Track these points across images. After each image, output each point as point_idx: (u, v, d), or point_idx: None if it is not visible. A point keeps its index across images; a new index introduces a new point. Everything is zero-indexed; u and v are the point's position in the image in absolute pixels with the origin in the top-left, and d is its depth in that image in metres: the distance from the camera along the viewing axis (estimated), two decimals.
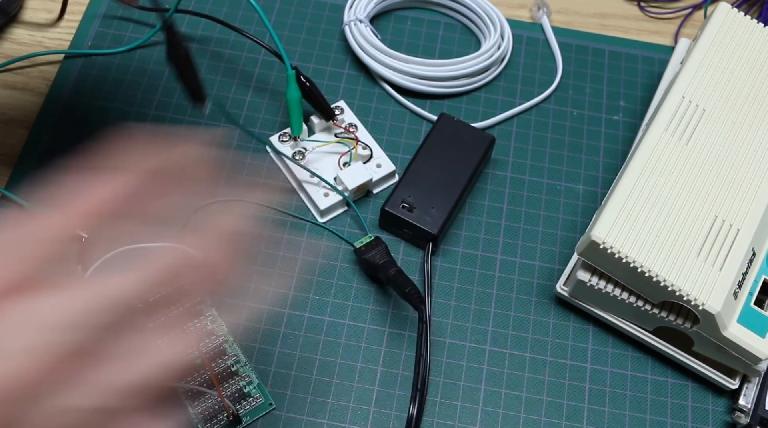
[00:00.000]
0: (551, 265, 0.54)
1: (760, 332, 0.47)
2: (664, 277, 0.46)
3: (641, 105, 0.61)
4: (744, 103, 0.53)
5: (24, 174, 0.55)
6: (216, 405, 0.47)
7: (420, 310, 0.48)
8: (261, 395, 0.48)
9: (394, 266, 0.50)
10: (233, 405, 0.47)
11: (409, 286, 0.48)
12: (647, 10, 0.68)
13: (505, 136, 0.59)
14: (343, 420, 0.48)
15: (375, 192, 0.56)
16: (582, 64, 0.63)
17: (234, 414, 0.46)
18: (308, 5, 0.65)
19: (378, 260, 0.51)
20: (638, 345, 0.51)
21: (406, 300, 0.48)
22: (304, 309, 0.51)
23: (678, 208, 0.48)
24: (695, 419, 0.49)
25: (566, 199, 0.57)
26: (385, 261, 0.51)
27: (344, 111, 0.58)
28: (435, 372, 0.50)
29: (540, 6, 0.65)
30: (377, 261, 0.51)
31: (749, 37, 0.55)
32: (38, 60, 0.60)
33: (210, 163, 0.33)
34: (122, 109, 0.58)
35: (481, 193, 0.57)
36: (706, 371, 0.50)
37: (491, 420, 0.49)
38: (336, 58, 0.62)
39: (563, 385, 0.50)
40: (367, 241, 0.52)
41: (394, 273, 0.50)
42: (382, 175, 0.56)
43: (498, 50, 0.61)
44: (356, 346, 0.50)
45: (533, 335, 0.52)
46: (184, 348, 0.31)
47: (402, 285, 0.49)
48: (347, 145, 0.56)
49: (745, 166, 0.50)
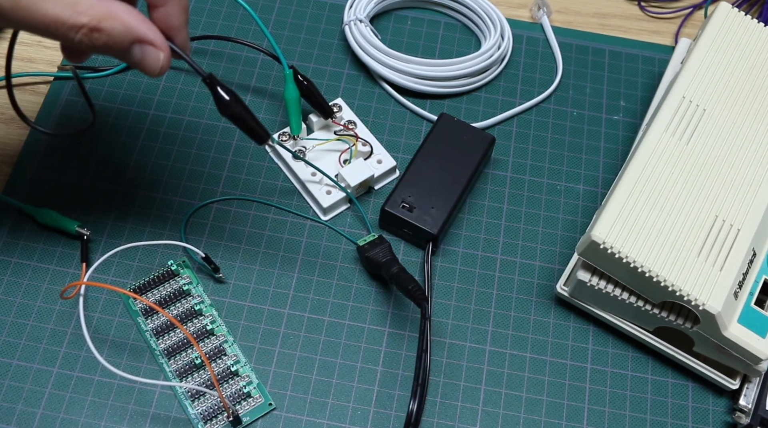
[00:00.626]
0: (551, 265, 0.54)
1: (760, 332, 0.47)
2: (664, 277, 0.45)
3: (641, 105, 0.61)
4: (744, 103, 0.53)
5: (24, 174, 0.55)
6: (216, 406, 0.47)
7: (423, 307, 0.48)
8: (261, 395, 0.48)
9: (397, 264, 0.50)
10: (233, 406, 0.47)
11: (412, 284, 0.48)
12: (647, 9, 0.68)
13: (505, 136, 0.59)
14: (343, 420, 0.48)
15: (376, 188, 0.56)
16: (582, 64, 0.63)
17: (234, 414, 0.46)
18: (308, 5, 0.65)
19: (381, 258, 0.51)
20: (638, 345, 0.51)
21: (409, 297, 0.48)
22: (304, 309, 0.51)
23: (678, 207, 0.48)
24: (696, 419, 0.49)
25: (566, 198, 0.57)
26: (388, 259, 0.51)
27: (342, 108, 0.58)
28: (435, 372, 0.50)
29: (540, 6, 0.65)
30: (380, 259, 0.51)
31: (749, 36, 0.55)
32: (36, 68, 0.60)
33: None
34: (122, 109, 0.58)
35: (481, 193, 0.57)
36: (706, 371, 0.49)
37: (491, 420, 0.49)
38: (336, 57, 0.62)
39: (563, 385, 0.50)
40: (370, 239, 0.52)
41: (396, 270, 0.50)
42: (383, 170, 0.56)
43: (498, 50, 0.61)
44: (356, 346, 0.50)
45: (533, 335, 0.51)
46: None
47: (405, 283, 0.49)
48: (347, 142, 0.56)
49: (746, 166, 0.50)
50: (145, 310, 0.50)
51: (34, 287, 0.51)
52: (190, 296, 0.51)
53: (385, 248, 0.51)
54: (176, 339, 0.49)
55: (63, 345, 0.49)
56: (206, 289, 0.51)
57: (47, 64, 0.60)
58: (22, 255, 0.52)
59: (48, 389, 0.48)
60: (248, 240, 0.53)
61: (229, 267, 0.52)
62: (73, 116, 0.58)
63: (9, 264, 0.52)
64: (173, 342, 0.49)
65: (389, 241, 0.52)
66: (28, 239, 0.52)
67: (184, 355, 0.49)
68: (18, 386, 0.48)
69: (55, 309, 0.50)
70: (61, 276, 0.51)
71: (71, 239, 0.53)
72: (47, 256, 0.52)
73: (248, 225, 0.54)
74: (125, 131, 0.57)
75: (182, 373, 0.48)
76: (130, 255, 0.52)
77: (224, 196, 0.55)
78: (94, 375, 0.48)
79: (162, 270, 0.51)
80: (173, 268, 0.51)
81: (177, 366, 0.48)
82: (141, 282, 0.51)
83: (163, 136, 0.57)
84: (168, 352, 0.49)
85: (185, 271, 0.51)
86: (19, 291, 0.51)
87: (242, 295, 0.51)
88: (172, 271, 0.51)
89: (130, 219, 0.54)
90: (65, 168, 0.55)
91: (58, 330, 0.49)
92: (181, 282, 0.51)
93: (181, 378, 0.48)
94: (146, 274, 0.51)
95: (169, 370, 0.48)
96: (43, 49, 0.61)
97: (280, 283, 0.52)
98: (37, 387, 0.48)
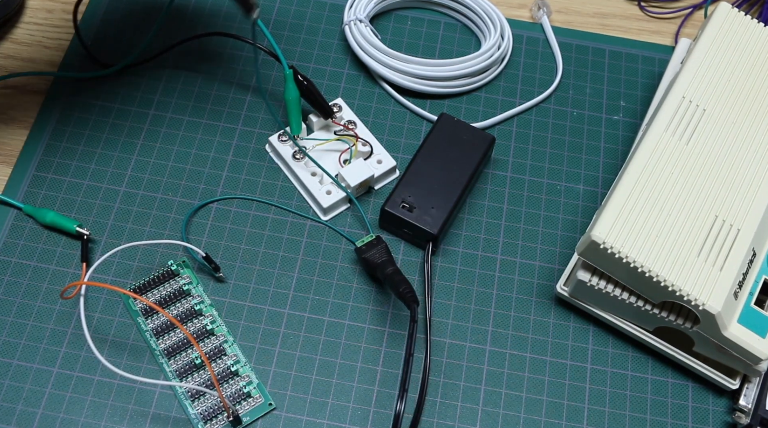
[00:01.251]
0: (551, 265, 0.54)
1: (760, 332, 0.47)
2: (664, 277, 0.46)
3: (641, 105, 0.61)
4: (744, 103, 0.53)
5: (24, 174, 0.55)
6: (216, 406, 0.47)
7: (412, 309, 0.48)
8: (261, 395, 0.48)
9: (392, 265, 0.50)
10: (233, 406, 0.47)
11: (403, 286, 0.48)
12: (647, 10, 0.68)
13: (505, 136, 0.59)
14: (343, 420, 0.48)
15: (376, 188, 0.56)
16: (582, 64, 0.63)
17: (234, 414, 0.46)
18: (308, 5, 0.65)
19: (377, 259, 0.51)
20: (638, 345, 0.51)
21: (400, 299, 0.48)
22: (304, 309, 0.51)
23: (678, 207, 0.48)
24: (696, 419, 0.49)
25: (566, 198, 0.57)
26: (384, 260, 0.51)
27: (342, 108, 0.58)
28: (435, 372, 0.50)
29: (540, 6, 0.65)
30: (376, 260, 0.51)
31: (749, 37, 0.55)
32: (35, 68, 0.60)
33: None
34: (122, 109, 0.58)
35: (481, 193, 0.57)
36: (706, 371, 0.49)
37: (491, 420, 0.49)
38: (336, 58, 0.62)
39: (563, 385, 0.50)
40: (367, 240, 0.52)
41: (390, 272, 0.50)
42: (383, 170, 0.56)
43: (498, 50, 0.61)
44: (356, 346, 0.50)
45: (533, 335, 0.51)
46: None
47: (397, 285, 0.49)
48: (347, 142, 0.56)
49: (746, 166, 0.50)
50: (145, 310, 0.50)
51: (34, 287, 0.51)
52: (190, 296, 0.51)
53: (381, 249, 0.51)
54: (176, 339, 0.49)
55: (63, 345, 0.49)
56: (206, 289, 0.51)
57: (47, 64, 0.60)
58: (22, 255, 0.52)
59: (48, 389, 0.48)
60: (248, 240, 0.53)
61: (229, 267, 0.52)
62: (73, 115, 0.58)
63: (9, 265, 0.52)
64: (173, 342, 0.49)
65: (387, 241, 0.52)
66: (28, 239, 0.52)
67: (184, 355, 0.49)
68: (18, 386, 0.48)
69: (55, 309, 0.50)
70: (61, 276, 0.51)
71: (71, 239, 0.53)
72: (47, 256, 0.52)
73: (248, 226, 0.54)
74: (125, 131, 0.57)
75: (182, 373, 0.48)
76: (130, 255, 0.52)
77: (224, 196, 0.55)
78: (94, 375, 0.48)
79: (162, 270, 0.51)
80: (173, 268, 0.51)
81: (177, 366, 0.48)
82: (141, 282, 0.51)
83: (163, 136, 0.57)
84: (168, 352, 0.49)
85: (185, 271, 0.51)
86: (19, 291, 0.51)
87: (242, 295, 0.52)
88: (172, 271, 0.51)
89: (130, 220, 0.54)
90: (65, 168, 0.55)
91: (58, 330, 0.49)
92: (181, 282, 0.51)
93: (181, 378, 0.48)
94: (146, 274, 0.51)
95: (169, 370, 0.48)
96: (43, 49, 0.61)
97: (280, 283, 0.52)
98: (37, 387, 0.48)
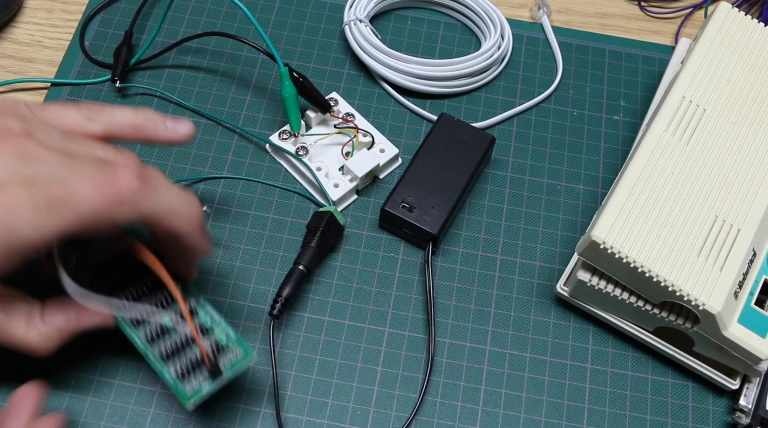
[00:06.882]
0: (551, 265, 0.54)
1: (760, 332, 0.46)
2: (664, 277, 0.45)
3: (641, 105, 0.61)
4: (744, 103, 0.53)
5: None
6: (194, 357, 0.43)
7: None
8: (240, 348, 0.43)
9: (311, 244, 0.51)
10: (212, 355, 0.42)
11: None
12: (648, 9, 0.68)
13: (505, 135, 0.59)
14: (343, 420, 0.48)
15: (381, 177, 0.56)
16: (582, 64, 0.63)
17: (212, 362, 0.42)
18: (308, 5, 0.65)
19: (312, 225, 0.52)
20: (639, 345, 0.51)
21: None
22: (304, 309, 0.51)
23: (678, 207, 0.48)
24: (696, 419, 0.49)
25: (566, 198, 0.57)
26: (314, 227, 0.51)
27: (339, 102, 0.58)
28: (435, 372, 0.50)
29: (540, 6, 0.65)
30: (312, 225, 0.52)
31: (750, 36, 0.55)
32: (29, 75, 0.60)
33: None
34: None
35: (481, 193, 0.57)
36: (706, 371, 0.49)
37: (491, 420, 0.49)
38: (336, 57, 0.62)
39: (563, 385, 0.50)
40: (322, 210, 0.52)
41: (302, 249, 0.51)
42: (387, 159, 0.56)
43: (498, 50, 0.61)
44: (356, 346, 0.50)
45: (533, 335, 0.51)
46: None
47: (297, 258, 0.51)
48: (348, 135, 0.56)
49: (746, 166, 0.50)
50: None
51: None
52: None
53: (319, 219, 0.52)
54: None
55: None
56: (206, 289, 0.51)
57: (47, 64, 0.60)
58: None
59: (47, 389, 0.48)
60: (248, 240, 0.53)
61: (229, 267, 0.52)
62: None
63: None
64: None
65: (387, 242, 0.52)
66: None
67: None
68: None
69: None
70: None
71: None
72: None
73: (248, 226, 0.54)
74: None
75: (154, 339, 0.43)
76: None
77: (224, 196, 0.55)
78: (94, 375, 0.48)
79: None
80: None
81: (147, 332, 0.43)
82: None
83: None
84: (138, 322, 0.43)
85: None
86: None
87: (242, 295, 0.51)
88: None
89: None
90: None
91: None
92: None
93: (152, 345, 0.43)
94: None
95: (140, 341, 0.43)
96: (43, 49, 0.61)
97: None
98: None
